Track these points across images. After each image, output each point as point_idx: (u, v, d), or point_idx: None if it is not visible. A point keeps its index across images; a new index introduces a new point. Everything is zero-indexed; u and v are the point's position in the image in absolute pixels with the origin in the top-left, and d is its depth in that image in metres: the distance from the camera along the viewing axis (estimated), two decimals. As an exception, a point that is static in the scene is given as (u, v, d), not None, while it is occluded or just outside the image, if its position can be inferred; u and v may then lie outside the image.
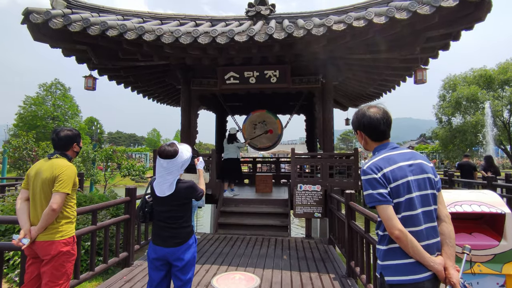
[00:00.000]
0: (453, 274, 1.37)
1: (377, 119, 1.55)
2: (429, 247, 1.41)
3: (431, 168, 1.52)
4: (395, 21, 4.57)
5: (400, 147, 1.59)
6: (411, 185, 1.43)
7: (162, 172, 2.23)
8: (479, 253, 1.82)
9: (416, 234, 1.40)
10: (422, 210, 1.43)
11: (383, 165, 1.47)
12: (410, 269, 1.40)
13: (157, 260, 2.27)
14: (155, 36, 4.98)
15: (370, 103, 1.72)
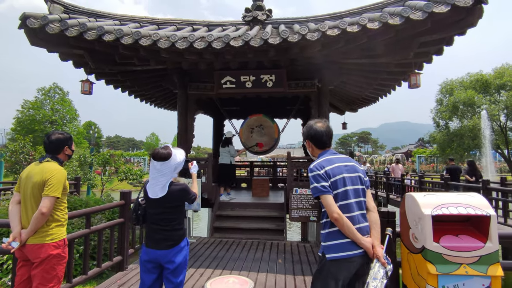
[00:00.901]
0: (378, 251, 1.76)
1: (321, 132, 1.99)
2: (361, 229, 1.81)
3: (362, 170, 1.97)
4: (389, 26, 4.63)
5: (337, 153, 2.02)
6: (346, 181, 1.85)
7: (155, 174, 2.26)
8: (465, 255, 1.84)
9: (350, 218, 1.79)
10: (354, 201, 1.84)
11: (325, 165, 1.90)
12: (345, 247, 1.77)
13: (149, 263, 2.29)
14: (151, 41, 5.03)
15: (317, 119, 2.10)
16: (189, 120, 6.98)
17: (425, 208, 1.92)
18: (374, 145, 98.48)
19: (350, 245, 1.76)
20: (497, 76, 23.39)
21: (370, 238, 1.82)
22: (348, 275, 1.76)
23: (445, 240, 1.90)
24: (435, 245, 1.87)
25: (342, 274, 1.75)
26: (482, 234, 1.92)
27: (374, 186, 14.34)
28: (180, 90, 7.00)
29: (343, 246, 1.77)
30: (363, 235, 1.80)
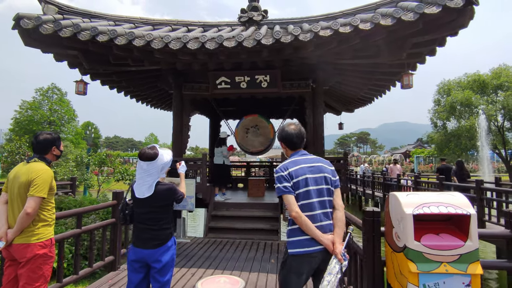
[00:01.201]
0: (337, 247, 1.85)
1: (292, 134, 2.08)
2: (322, 227, 1.91)
3: (330, 170, 2.04)
4: (381, 27, 4.66)
5: (308, 154, 2.11)
6: (309, 181, 1.95)
7: (142, 174, 2.28)
8: (445, 253, 1.86)
9: (312, 217, 1.90)
10: (317, 200, 1.93)
11: (290, 166, 2.00)
12: (306, 243, 1.87)
13: (136, 262, 2.30)
14: (145, 41, 5.05)
15: (291, 121, 2.33)
16: (184, 120, 7.00)
17: (407, 208, 1.94)
18: (373, 146, 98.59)
19: (310, 242, 1.87)
20: (494, 77, 23.47)
21: (331, 235, 1.91)
22: (310, 269, 1.86)
23: (426, 239, 1.92)
24: (416, 244, 1.89)
25: (303, 268, 1.86)
26: (463, 233, 1.94)
27: (371, 186, 14.38)
28: (175, 91, 7.02)
29: (303, 243, 1.88)
30: (325, 232, 1.90)
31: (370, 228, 2.34)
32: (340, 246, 1.87)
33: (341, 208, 2.00)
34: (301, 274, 1.86)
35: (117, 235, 4.01)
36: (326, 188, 1.98)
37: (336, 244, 1.87)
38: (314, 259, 1.86)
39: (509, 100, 21.33)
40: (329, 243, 1.88)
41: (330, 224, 1.96)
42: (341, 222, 1.95)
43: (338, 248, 1.86)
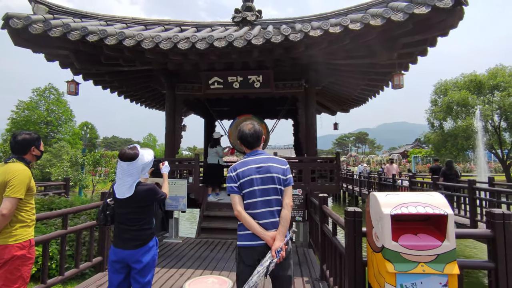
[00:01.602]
0: (275, 244, 1.98)
1: (247, 134, 2.18)
2: (265, 224, 2.03)
3: (281, 170, 2.12)
4: (370, 27, 4.66)
5: (262, 154, 2.19)
6: (254, 182, 2.06)
7: (122, 174, 2.27)
8: (422, 254, 1.86)
9: (255, 215, 2.04)
10: (261, 199, 2.05)
11: (239, 167, 2.13)
12: (249, 238, 2.04)
13: (116, 263, 2.29)
14: (135, 41, 5.03)
15: (248, 121, 2.30)
16: (177, 120, 6.98)
17: (385, 208, 1.94)
18: (371, 146, 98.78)
19: (252, 236, 2.03)
20: (491, 77, 23.56)
21: (274, 232, 2.03)
22: (253, 260, 2.01)
23: (404, 239, 1.92)
24: (394, 244, 1.89)
25: (247, 259, 2.04)
26: (441, 233, 1.94)
27: (367, 186, 14.39)
28: (168, 91, 7.01)
29: (247, 237, 2.06)
30: (268, 229, 2.03)
31: (352, 228, 2.34)
32: (279, 243, 1.99)
33: (288, 206, 2.10)
34: (247, 264, 2.02)
35: (105, 236, 3.99)
36: (273, 187, 2.08)
37: (276, 241, 1.99)
38: (256, 252, 2.01)
39: (505, 100, 21.42)
40: (270, 239, 2.00)
41: (275, 221, 2.06)
42: (284, 220, 2.07)
43: (276, 244, 1.98)
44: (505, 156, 23.34)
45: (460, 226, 6.97)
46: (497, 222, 2.23)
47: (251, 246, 2.04)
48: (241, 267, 2.07)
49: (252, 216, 2.06)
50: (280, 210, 2.11)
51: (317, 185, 6.07)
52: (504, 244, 2.20)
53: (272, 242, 2.00)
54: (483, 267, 2.28)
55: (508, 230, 2.21)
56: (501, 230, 2.22)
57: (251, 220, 2.04)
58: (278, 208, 2.11)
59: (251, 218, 2.05)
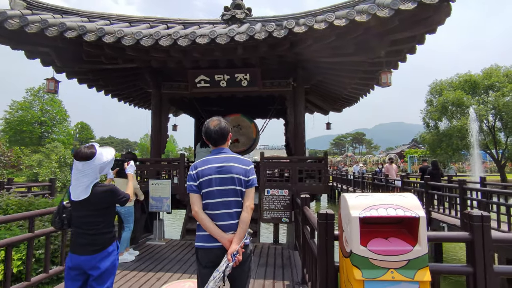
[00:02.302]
0: (232, 247, 1.89)
1: (211, 130, 2.08)
2: (222, 226, 1.95)
3: (243, 170, 2.02)
4: (356, 23, 4.55)
5: (226, 153, 2.07)
6: (213, 182, 1.98)
7: (78, 175, 2.13)
8: (392, 259, 1.74)
9: (214, 216, 1.97)
10: (221, 200, 1.97)
11: (199, 165, 2.04)
12: (206, 239, 1.96)
13: (72, 269, 2.15)
14: (115, 38, 4.89)
15: (215, 118, 2.15)
16: (163, 120, 6.84)
17: (354, 210, 1.81)
18: (368, 146, 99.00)
19: (209, 238, 1.95)
20: (485, 77, 23.59)
21: (232, 234, 1.94)
22: (209, 262, 1.93)
23: (373, 243, 1.80)
24: (362, 249, 1.76)
25: (204, 261, 1.97)
26: (413, 237, 1.82)
27: (361, 187, 14.31)
28: (154, 90, 6.86)
29: (204, 238, 1.97)
30: (226, 231, 1.94)
31: (323, 231, 2.22)
32: (235, 246, 1.90)
33: (248, 209, 2.01)
34: (204, 266, 1.96)
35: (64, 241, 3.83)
36: (233, 188, 1.99)
37: (232, 244, 1.90)
38: (213, 254, 1.94)
39: (499, 101, 21.44)
40: (227, 242, 1.92)
41: (233, 223, 1.98)
42: (243, 223, 1.98)
43: (232, 247, 1.89)
44: (500, 156, 23.38)
45: (451, 226, 6.88)
46: (476, 225, 2.12)
47: (208, 248, 1.96)
48: (200, 269, 2.01)
49: (211, 217, 1.98)
50: (240, 212, 2.00)
51: (305, 186, 5.94)
52: (482, 247, 2.09)
53: (229, 245, 1.91)
54: (460, 272, 2.17)
55: (487, 232, 2.10)
56: (480, 233, 2.11)
57: (208, 221, 1.96)
58: (238, 210, 2.02)
59: (208, 219, 1.97)
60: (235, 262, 1.88)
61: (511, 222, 5.26)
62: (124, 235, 4.62)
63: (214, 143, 2.12)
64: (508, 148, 22.71)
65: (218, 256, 1.92)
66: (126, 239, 4.61)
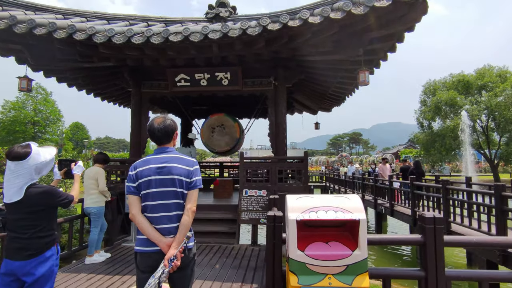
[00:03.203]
0: (169, 252, 1.80)
1: (154, 128, 1.98)
2: (161, 229, 1.86)
3: (185, 171, 1.92)
4: (331, 21, 4.47)
5: (169, 152, 1.97)
6: (152, 183, 1.89)
7: (10, 176, 2.02)
8: (331, 264, 1.65)
9: (153, 219, 1.88)
10: (160, 202, 1.88)
11: (139, 166, 1.94)
12: (144, 243, 1.87)
13: (6, 276, 2.04)
14: (86, 35, 4.78)
15: (160, 115, 2.07)
16: (143, 119, 6.72)
17: (292, 213, 1.73)
18: (365, 146, 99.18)
19: (148, 242, 1.86)
20: (478, 77, 23.62)
21: (171, 238, 1.85)
22: (148, 267, 1.84)
23: (312, 248, 1.71)
24: (299, 254, 1.68)
25: (142, 265, 1.88)
26: (355, 241, 1.73)
27: (351, 187, 14.24)
28: (134, 89, 6.74)
29: (142, 242, 1.89)
30: (165, 235, 1.86)
31: (271, 234, 2.13)
32: (173, 251, 1.81)
33: (189, 212, 1.90)
34: (142, 271, 1.88)
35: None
36: (173, 190, 1.89)
37: (170, 249, 1.81)
38: (151, 259, 1.85)
39: (492, 101, 21.46)
40: (165, 246, 1.83)
41: (173, 227, 1.89)
42: (183, 227, 1.87)
43: (170, 252, 1.80)
44: (493, 156, 23.41)
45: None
46: (428, 227, 2.03)
47: (146, 252, 1.86)
48: (138, 274, 1.92)
49: (150, 220, 1.89)
50: (181, 216, 1.90)
51: (285, 186, 5.86)
52: (434, 251, 2.01)
53: (167, 250, 1.82)
54: (412, 276, 2.08)
55: (439, 235, 2.02)
56: (432, 236, 2.02)
57: (146, 225, 1.87)
58: (179, 213, 1.91)
59: (147, 222, 1.88)
60: (171, 267, 1.79)
61: (491, 222, 5.20)
62: (91, 237, 4.51)
63: (157, 141, 2.02)
64: (501, 148, 22.75)
65: (157, 261, 1.84)
66: (94, 240, 4.49)
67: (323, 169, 32.67)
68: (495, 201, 5.04)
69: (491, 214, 5.28)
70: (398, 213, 8.98)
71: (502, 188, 5.04)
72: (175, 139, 2.12)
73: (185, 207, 1.91)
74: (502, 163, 25.48)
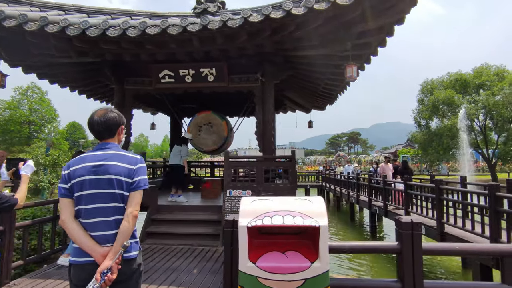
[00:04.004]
0: (103, 263, 1.57)
1: (94, 121, 1.78)
2: (97, 237, 1.64)
3: (125, 170, 1.69)
4: (315, 12, 4.24)
5: (109, 149, 1.75)
6: (86, 184, 1.67)
7: None
8: (287, 278, 1.43)
9: (87, 225, 1.66)
10: (95, 206, 1.66)
11: (73, 164, 1.72)
12: (78, 253, 1.65)
13: None
14: (59, 27, 4.55)
15: (104, 107, 1.89)
16: (126, 117, 6.46)
17: (243, 218, 1.50)
18: (364, 145, 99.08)
19: (82, 252, 1.65)
20: (476, 76, 23.45)
21: (108, 248, 1.63)
22: (81, 281, 1.62)
23: (266, 259, 1.48)
24: (250, 266, 1.45)
25: (75, 279, 1.66)
26: (316, 251, 1.51)
27: (346, 187, 14.03)
28: (117, 85, 6.50)
29: (76, 252, 1.67)
30: (102, 243, 1.64)
31: (229, 241, 1.90)
32: (107, 263, 1.57)
33: (129, 217, 1.66)
34: (75, 284, 1.67)
35: (4, 245, 3.49)
36: (110, 192, 1.66)
37: (105, 260, 1.59)
38: (84, 271, 1.62)
39: (489, 100, 21.28)
40: (100, 257, 1.61)
41: (111, 234, 1.66)
42: (121, 234, 1.63)
43: (103, 264, 1.57)
44: (491, 155, 23.24)
45: (428, 228, 6.61)
46: (405, 233, 1.81)
47: (79, 264, 1.64)
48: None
49: (85, 227, 1.67)
50: (121, 221, 1.67)
51: (272, 186, 5.63)
52: (412, 260, 1.78)
53: (102, 261, 1.59)
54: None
55: (417, 242, 1.80)
56: (409, 243, 1.80)
57: (77, 232, 1.65)
58: (118, 218, 1.68)
59: (79, 229, 1.65)
60: (104, 282, 1.54)
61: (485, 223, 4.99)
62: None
63: (98, 136, 1.81)
64: (499, 147, 22.58)
65: (90, 274, 1.60)
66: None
67: (321, 169, 32.50)
68: (489, 201, 4.83)
69: (484, 214, 5.08)
70: (392, 213, 8.78)
71: (496, 188, 4.83)
72: (121, 134, 1.89)
73: (126, 211, 1.68)
74: (500, 162, 25.32)
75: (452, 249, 1.81)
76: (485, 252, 1.80)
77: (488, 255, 1.82)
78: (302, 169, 40.88)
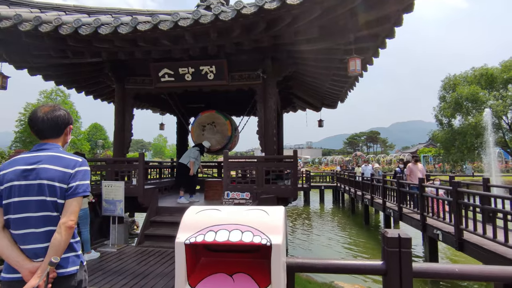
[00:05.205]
0: (30, 282, 1.39)
1: (35, 118, 1.58)
2: (27, 251, 1.47)
3: (61, 175, 1.50)
4: (312, 2, 3.96)
5: (48, 150, 1.55)
6: (15, 190, 1.47)
7: None
8: (230, 308, 1.17)
9: (16, 237, 1.48)
10: (23, 216, 1.47)
11: (4, 167, 1.54)
12: (7, 268, 1.48)
13: None
14: (52, 26, 4.51)
15: (48, 104, 1.70)
16: (127, 117, 6.43)
17: (182, 232, 1.26)
18: (383, 145, 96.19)
19: (10, 267, 1.47)
20: (504, 70, 22.01)
21: (37, 263, 1.45)
22: None
23: (208, 283, 1.23)
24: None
25: None
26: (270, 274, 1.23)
27: (363, 189, 13.46)
28: (117, 85, 6.46)
29: (6, 267, 1.49)
30: (31, 258, 1.46)
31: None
32: (34, 281, 1.38)
33: (62, 228, 1.45)
34: None
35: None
36: (41, 200, 1.47)
37: (32, 279, 1.40)
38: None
39: (519, 95, 19.90)
40: (28, 273, 1.42)
41: (41, 248, 1.47)
42: (52, 248, 1.43)
43: (30, 283, 1.38)
44: (520, 155, 21.73)
45: (445, 234, 6.10)
46: (391, 251, 1.50)
47: (8, 281, 1.46)
48: None
49: (15, 239, 1.48)
50: (49, 232, 1.47)
51: (272, 188, 5.36)
52: (399, 282, 1.48)
53: (30, 278, 1.40)
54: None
55: (406, 261, 1.48)
56: (396, 262, 1.49)
57: (3, 244, 1.45)
58: (51, 229, 1.48)
59: (5, 242, 1.46)
60: None
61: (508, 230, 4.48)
62: (85, 237, 4.53)
63: (39, 135, 1.60)
64: (530, 146, 21.09)
65: None
66: (88, 239, 4.62)
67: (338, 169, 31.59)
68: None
69: (508, 220, 4.58)
70: (407, 217, 8.25)
71: (520, 192, 4.31)
72: (68, 135, 1.69)
73: (60, 221, 1.47)
74: (531, 162, 23.64)
75: (451, 272, 1.48)
76: (492, 277, 1.45)
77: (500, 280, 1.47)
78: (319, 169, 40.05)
